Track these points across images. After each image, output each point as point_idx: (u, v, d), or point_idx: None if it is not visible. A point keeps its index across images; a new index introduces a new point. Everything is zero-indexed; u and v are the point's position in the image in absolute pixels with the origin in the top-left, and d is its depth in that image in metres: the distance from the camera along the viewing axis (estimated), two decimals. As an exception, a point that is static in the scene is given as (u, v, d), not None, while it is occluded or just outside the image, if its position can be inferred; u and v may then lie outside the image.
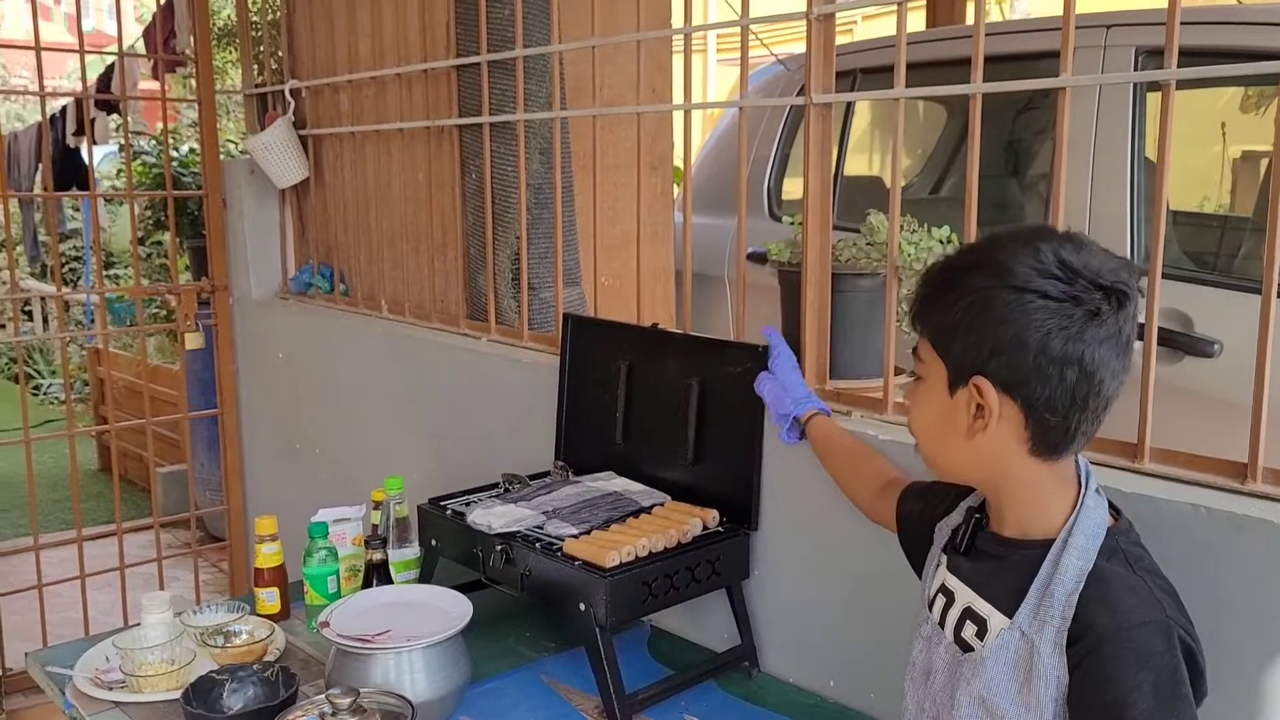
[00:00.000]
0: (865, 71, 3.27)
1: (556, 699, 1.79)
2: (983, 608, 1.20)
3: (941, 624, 1.26)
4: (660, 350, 2.07)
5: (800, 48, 1.85)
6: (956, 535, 1.28)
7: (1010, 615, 1.16)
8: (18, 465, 3.31)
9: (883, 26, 6.52)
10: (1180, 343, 2.29)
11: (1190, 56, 1.49)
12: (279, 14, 3.41)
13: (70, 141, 4.48)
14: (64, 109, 4.57)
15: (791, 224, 1.98)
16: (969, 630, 1.22)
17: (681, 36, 2.38)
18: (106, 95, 3.92)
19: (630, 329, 2.17)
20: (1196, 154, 3.38)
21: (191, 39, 3.58)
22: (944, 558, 1.30)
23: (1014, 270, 1.10)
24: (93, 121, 3.98)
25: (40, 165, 4.98)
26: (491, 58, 2.49)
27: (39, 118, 5.07)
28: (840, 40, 1.89)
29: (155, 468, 3.90)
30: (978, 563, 1.24)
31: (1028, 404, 1.12)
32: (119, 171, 7.03)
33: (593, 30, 2.25)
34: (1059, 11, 1.54)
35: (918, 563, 1.40)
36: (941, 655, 1.25)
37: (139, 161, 6.07)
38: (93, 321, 7.22)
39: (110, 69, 3.99)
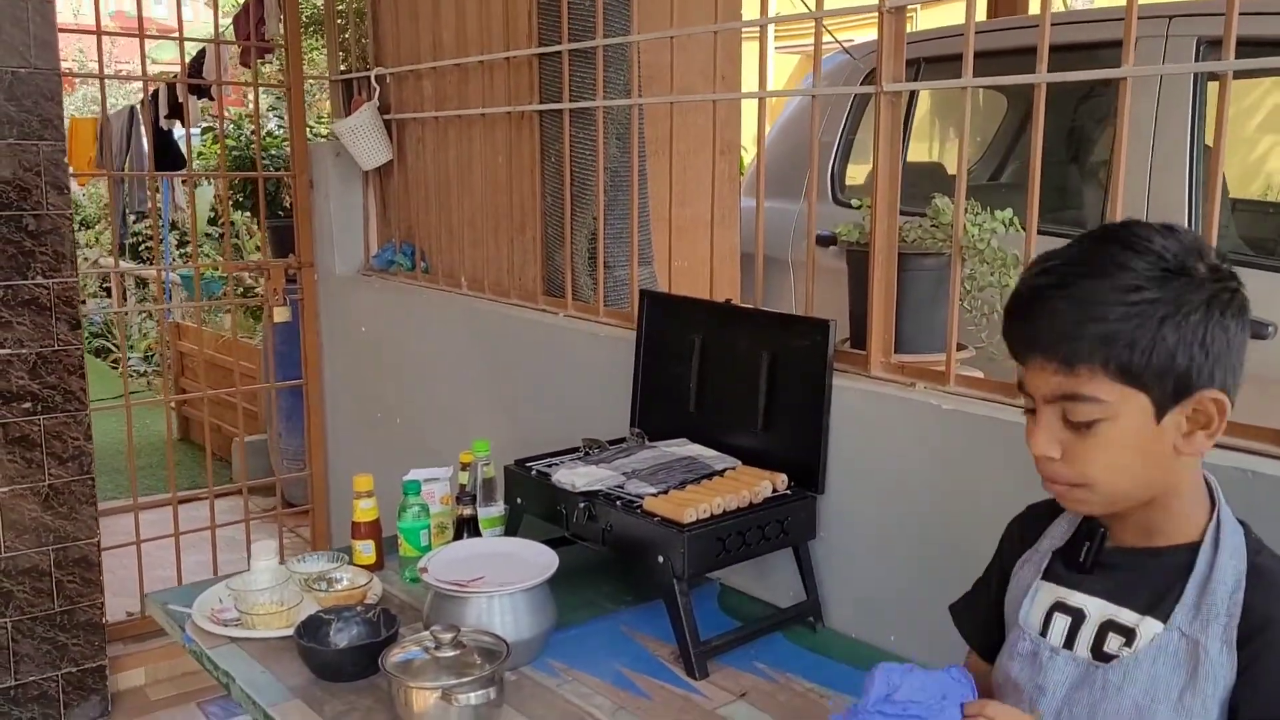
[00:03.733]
0: (928, 61, 3.36)
1: (635, 645, 1.93)
2: (1128, 617, 1.18)
3: (1070, 645, 1.23)
4: (732, 325, 2.19)
5: (858, 36, 1.96)
6: (1077, 554, 1.25)
7: (1164, 620, 1.15)
8: (101, 433, 3.52)
9: (942, 16, 6.56)
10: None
11: (1251, 46, 1.58)
12: (365, 4, 3.57)
13: (163, 124, 4.68)
14: (155, 93, 4.78)
15: (860, 207, 2.09)
16: (1114, 643, 1.19)
17: (755, 27, 2.48)
18: (199, 80, 4.11)
19: (704, 304, 2.30)
20: (1257, 143, 3.43)
21: (280, 26, 3.76)
22: (1043, 583, 1.28)
23: (1193, 276, 1.07)
24: (183, 105, 4.19)
25: (130, 147, 5.22)
26: (572, 46, 2.62)
27: (128, 101, 5.33)
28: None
29: (240, 438, 4.11)
30: (1108, 575, 1.22)
31: (1231, 402, 1.11)
32: (199, 154, 7.29)
33: (671, 21, 2.37)
34: (1121, 1, 1.63)
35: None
36: (1061, 671, 1.22)
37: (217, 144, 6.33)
38: (171, 298, 7.49)
39: (201, 54, 4.18)
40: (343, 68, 3.71)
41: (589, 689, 1.78)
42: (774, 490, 1.96)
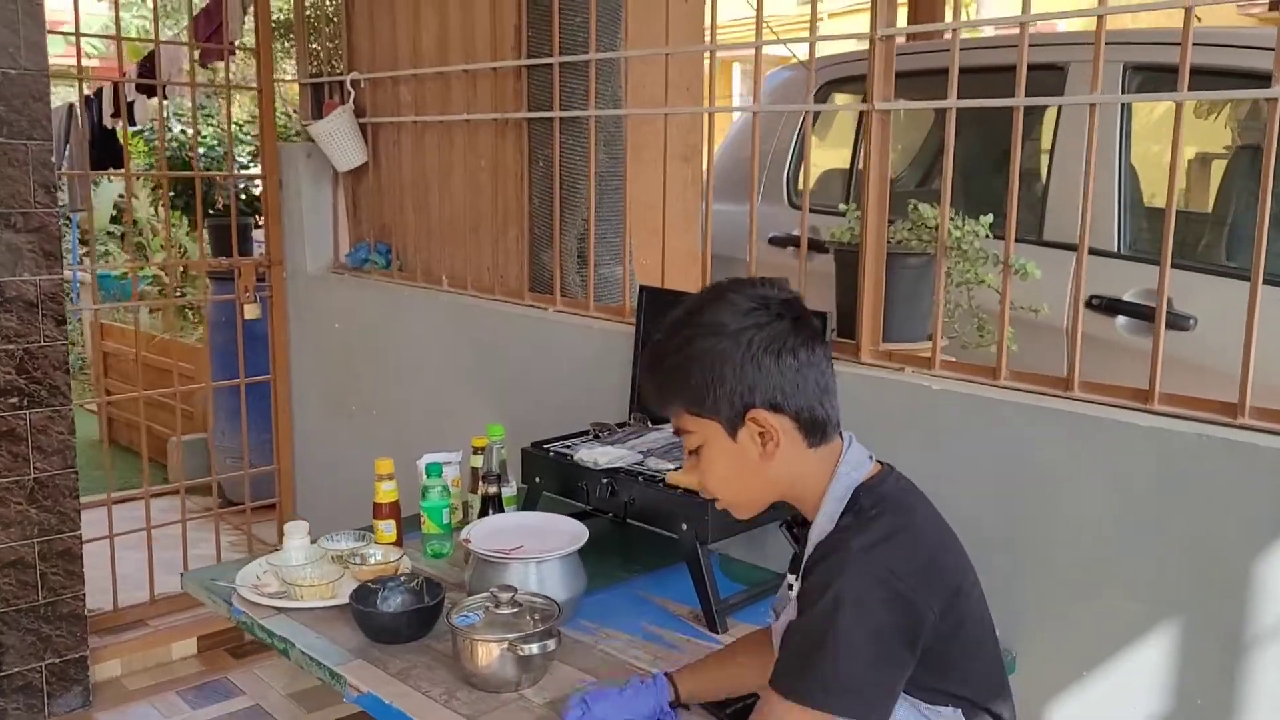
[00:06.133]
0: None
1: (655, 607, 2.13)
2: (796, 584, 1.48)
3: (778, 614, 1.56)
4: (729, 317, 2.41)
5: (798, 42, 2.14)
6: (796, 555, 1.53)
7: (796, 574, 1.48)
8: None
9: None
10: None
11: (1170, 73, 1.85)
12: (337, 9, 3.69)
13: (108, 123, 4.68)
14: (99, 90, 4.77)
15: (846, 214, 2.33)
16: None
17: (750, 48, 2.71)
18: (150, 80, 4.14)
19: (702, 299, 2.51)
20: (1161, 156, 3.80)
21: (242, 28, 3.84)
22: (791, 576, 1.55)
23: (724, 323, 1.39)
24: (131, 104, 4.22)
25: (69, 145, 5.18)
26: (564, 59, 2.80)
27: (69, 99, 5.29)
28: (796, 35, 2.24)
29: (177, 437, 4.14)
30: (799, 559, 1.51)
31: (794, 410, 1.41)
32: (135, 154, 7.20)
33: (666, 39, 2.58)
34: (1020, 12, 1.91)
35: None
36: (776, 634, 1.52)
37: (146, 142, 6.30)
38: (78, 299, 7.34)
39: (153, 54, 4.21)
40: (313, 71, 3.82)
41: (623, 643, 1.97)
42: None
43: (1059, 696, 1.90)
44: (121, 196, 8.90)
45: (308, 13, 3.84)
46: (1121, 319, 2.78)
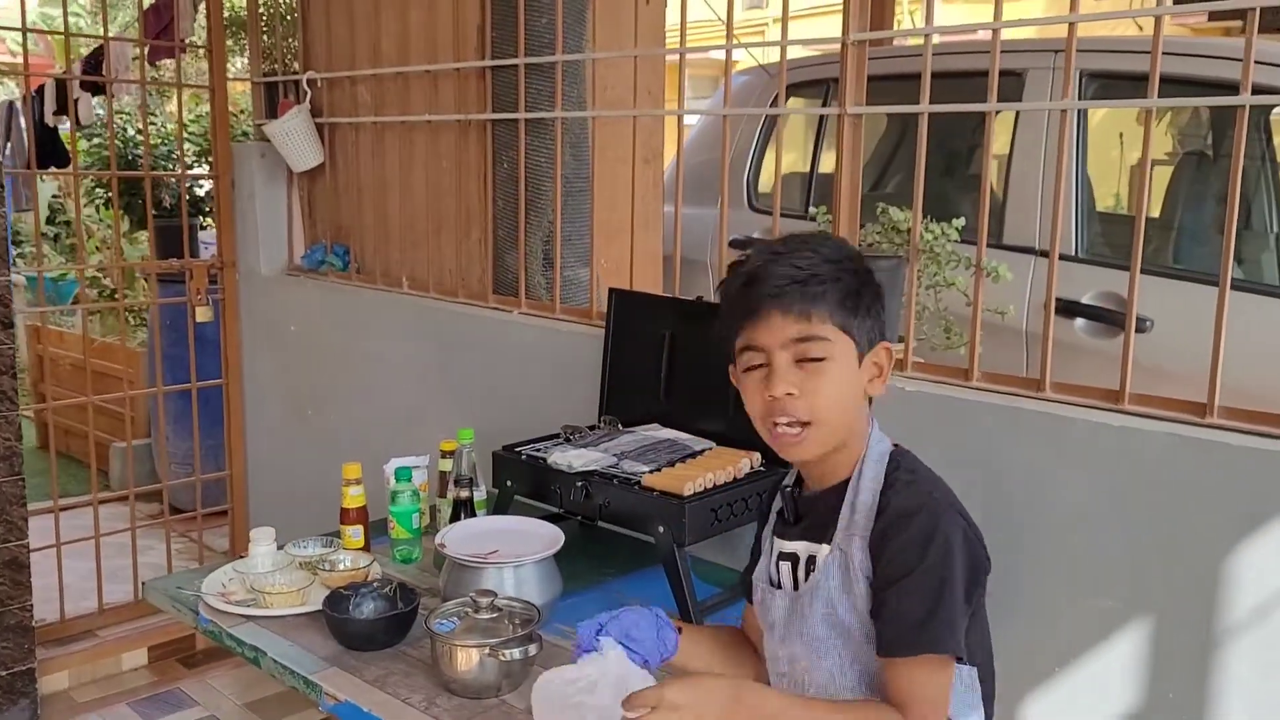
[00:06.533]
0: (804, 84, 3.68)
1: (630, 610, 2.12)
2: (818, 549, 1.48)
3: (779, 584, 1.54)
4: (699, 318, 2.41)
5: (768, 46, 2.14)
6: (785, 513, 1.57)
7: (829, 542, 1.46)
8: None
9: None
10: (1119, 320, 2.74)
11: (1132, 81, 1.90)
12: (290, 7, 3.63)
13: (50, 121, 4.56)
14: (42, 88, 4.65)
15: (816, 217, 2.34)
16: (805, 572, 1.50)
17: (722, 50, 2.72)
18: (94, 78, 4.04)
19: (673, 301, 2.51)
20: (1115, 162, 3.89)
21: (194, 25, 3.77)
22: (775, 540, 1.58)
23: (879, 265, 1.50)
24: (76, 101, 4.11)
25: (9, 143, 5.04)
26: (530, 60, 2.79)
27: (6, 96, 5.14)
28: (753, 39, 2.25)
29: (128, 443, 4.05)
30: (806, 521, 1.53)
31: (887, 350, 1.48)
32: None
33: (636, 41, 2.58)
34: (969, 19, 1.94)
35: None
36: (778, 608, 1.52)
37: (94, 142, 6.16)
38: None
39: (99, 50, 4.11)
40: (266, 70, 3.76)
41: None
42: (751, 467, 2.19)
43: (1033, 692, 1.93)
44: (55, 197, 8.69)
45: (261, 10, 3.78)
46: (1080, 321, 2.83)
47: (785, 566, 1.54)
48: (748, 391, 1.49)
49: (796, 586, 1.51)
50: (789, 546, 1.54)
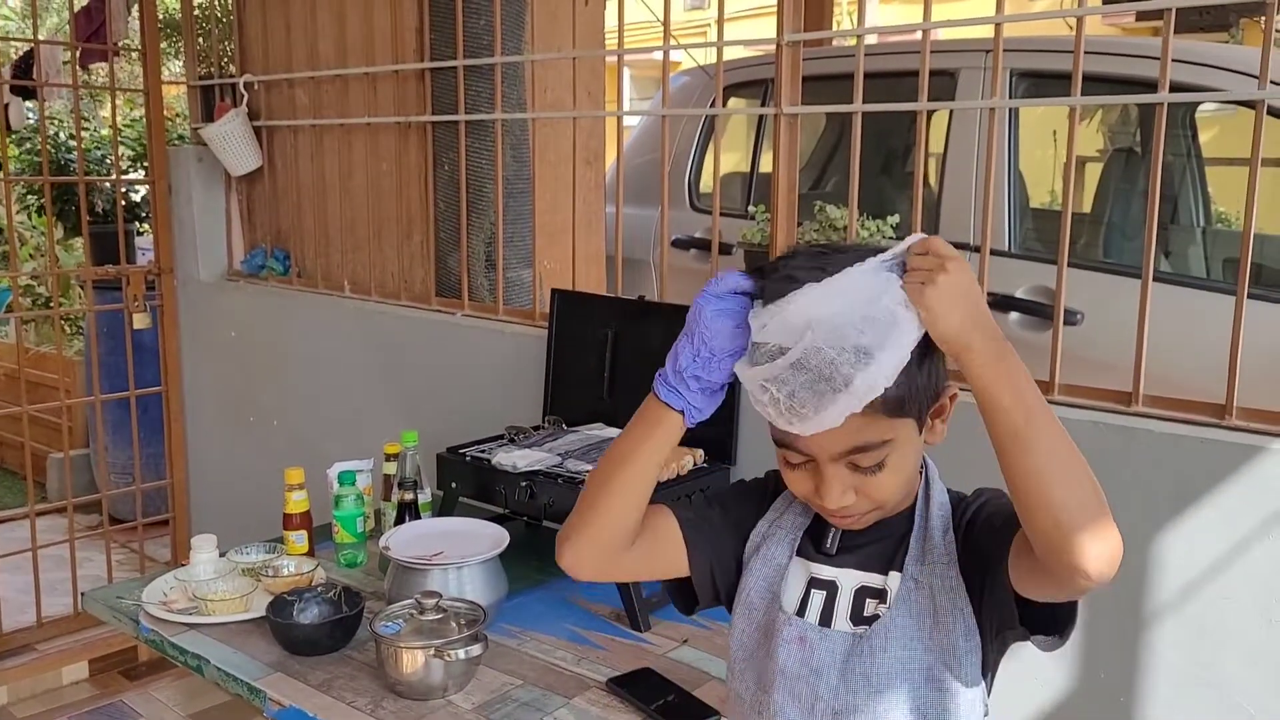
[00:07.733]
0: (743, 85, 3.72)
1: (576, 609, 2.13)
2: (876, 579, 1.26)
3: (828, 622, 1.28)
4: (644, 318, 2.43)
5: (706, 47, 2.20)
6: (823, 537, 1.30)
7: (900, 570, 1.24)
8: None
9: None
10: (1050, 313, 2.80)
11: (1061, 80, 1.95)
12: (226, 9, 3.60)
13: (-22, 125, 4.47)
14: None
15: (755, 215, 2.38)
16: (871, 605, 1.26)
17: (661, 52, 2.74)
18: (28, 81, 3.98)
19: (616, 301, 2.53)
20: (1040, 159, 3.98)
21: (127, 27, 3.71)
22: (797, 559, 1.32)
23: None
24: (6, 106, 4.03)
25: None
26: (469, 62, 2.79)
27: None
28: (694, 40, 2.30)
29: (65, 453, 3.98)
30: (852, 549, 1.29)
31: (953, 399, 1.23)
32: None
33: (573, 43, 2.59)
34: (907, 20, 1.99)
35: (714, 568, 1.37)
36: (831, 650, 1.26)
37: (25, 147, 6.01)
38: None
39: (29, 53, 4.04)
40: (202, 74, 3.71)
41: (548, 645, 1.97)
42: (694, 463, 2.21)
43: (971, 678, 1.97)
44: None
45: (196, 12, 3.74)
46: (1014, 315, 2.89)
47: (819, 598, 1.30)
48: (789, 478, 1.25)
49: (858, 622, 1.27)
50: (824, 572, 1.30)
